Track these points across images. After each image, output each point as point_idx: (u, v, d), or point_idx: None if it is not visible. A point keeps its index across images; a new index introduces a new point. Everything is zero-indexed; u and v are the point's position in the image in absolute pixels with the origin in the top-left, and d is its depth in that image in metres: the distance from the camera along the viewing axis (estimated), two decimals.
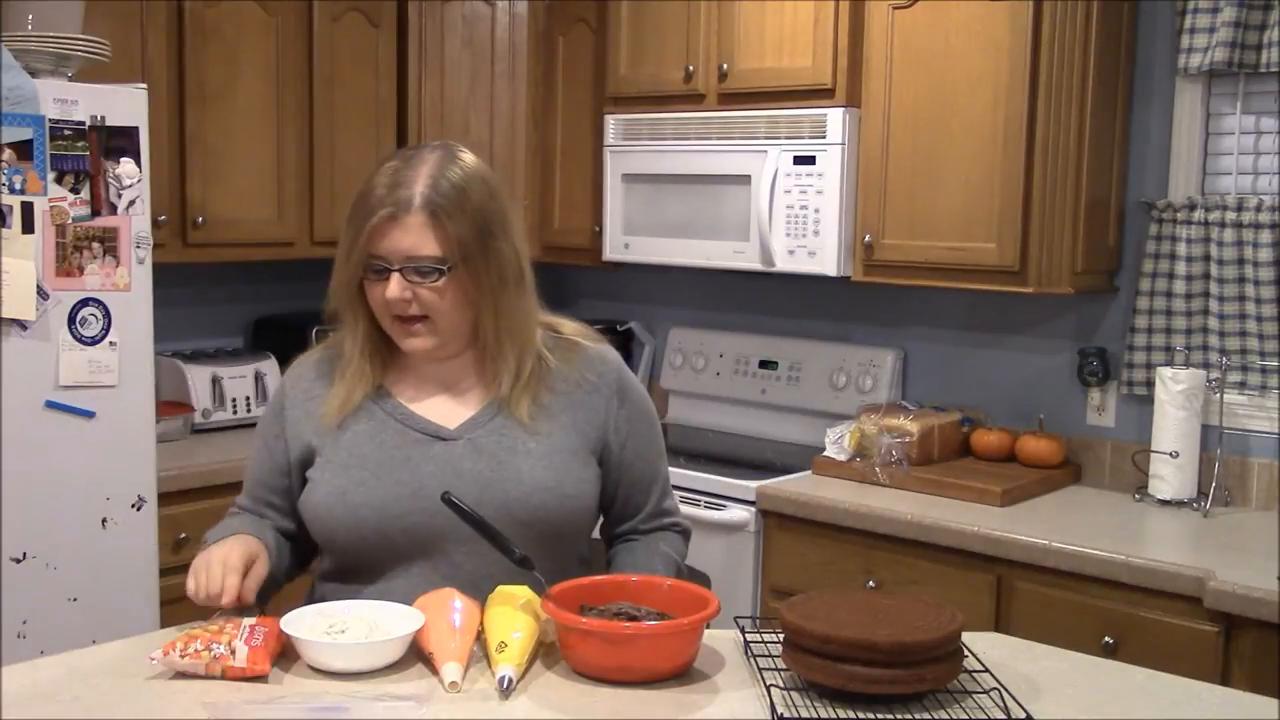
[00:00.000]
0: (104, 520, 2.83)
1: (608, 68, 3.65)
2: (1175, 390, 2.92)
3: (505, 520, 1.76)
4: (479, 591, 1.72)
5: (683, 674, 1.62)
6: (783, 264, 3.31)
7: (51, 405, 2.73)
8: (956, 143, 3.03)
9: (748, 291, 3.84)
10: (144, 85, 2.89)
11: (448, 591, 1.73)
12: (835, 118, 3.19)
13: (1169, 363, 3.00)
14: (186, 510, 3.11)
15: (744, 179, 3.34)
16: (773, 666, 1.62)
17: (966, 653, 1.62)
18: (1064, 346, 3.26)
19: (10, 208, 2.63)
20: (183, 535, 3.10)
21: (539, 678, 1.61)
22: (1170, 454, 2.92)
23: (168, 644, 1.58)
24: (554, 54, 3.86)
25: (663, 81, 3.52)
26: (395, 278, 1.76)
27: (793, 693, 1.55)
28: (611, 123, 3.63)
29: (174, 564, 3.02)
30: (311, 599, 1.86)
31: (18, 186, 2.64)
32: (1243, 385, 2.97)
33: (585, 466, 1.86)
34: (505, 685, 1.54)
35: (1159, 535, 2.81)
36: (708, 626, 1.65)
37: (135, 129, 2.81)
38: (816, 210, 3.23)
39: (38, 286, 2.68)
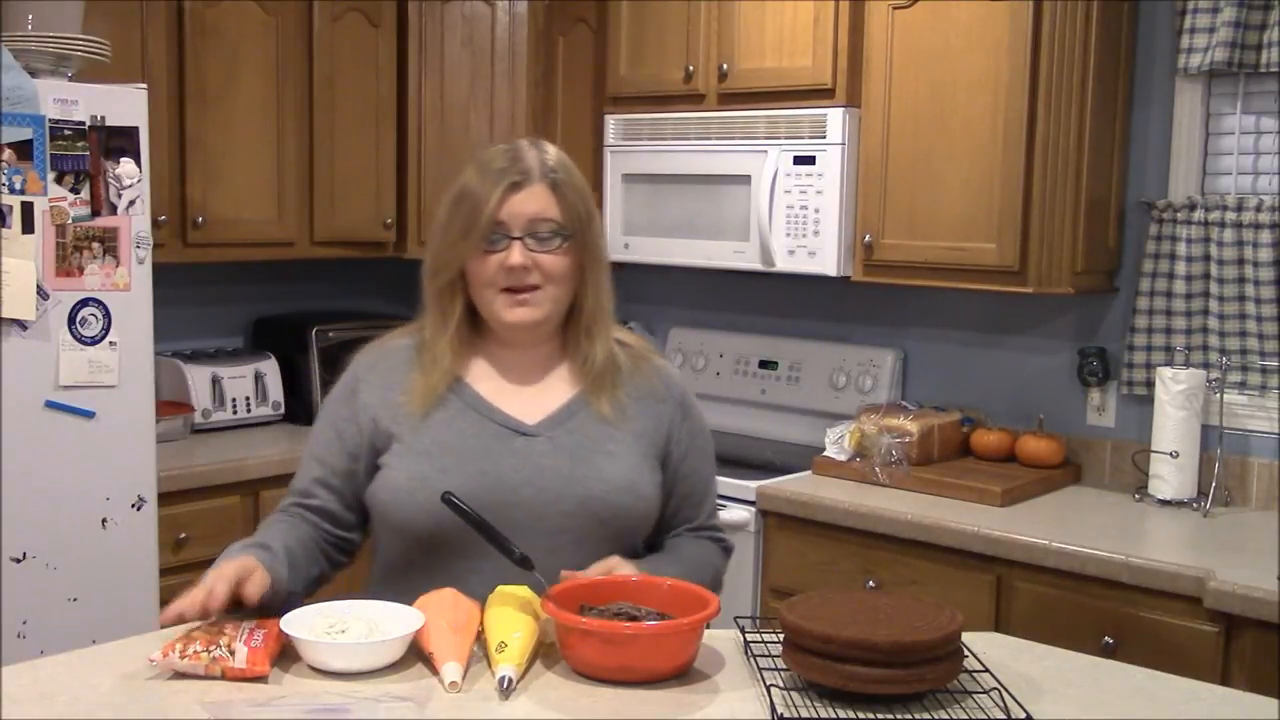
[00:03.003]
0: (104, 520, 2.83)
1: (608, 68, 3.65)
2: (1175, 390, 2.92)
3: (583, 517, 1.80)
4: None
5: (683, 674, 1.62)
6: (783, 264, 3.31)
7: (51, 405, 2.73)
8: (956, 143, 3.03)
9: (748, 291, 3.84)
10: (144, 85, 2.89)
11: (448, 591, 1.74)
12: (835, 118, 3.19)
13: (1169, 363, 3.00)
14: (186, 510, 3.11)
15: (744, 179, 3.34)
16: (773, 666, 1.62)
17: (966, 653, 1.62)
18: (1064, 346, 3.26)
19: (10, 208, 2.63)
20: (183, 535, 3.10)
21: (539, 678, 1.61)
22: (1170, 454, 2.92)
23: (167, 645, 1.58)
24: (554, 54, 3.85)
25: (663, 81, 3.52)
26: (517, 245, 1.81)
27: (793, 693, 1.55)
28: (611, 123, 3.63)
29: (174, 564, 3.02)
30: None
31: (18, 186, 2.64)
32: (1243, 385, 2.97)
33: (654, 471, 1.90)
34: (505, 685, 1.54)
35: (1159, 535, 2.81)
36: (708, 626, 1.65)
37: (135, 129, 2.81)
38: (816, 210, 3.23)
39: (38, 286, 2.68)
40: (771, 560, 3.08)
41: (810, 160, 3.23)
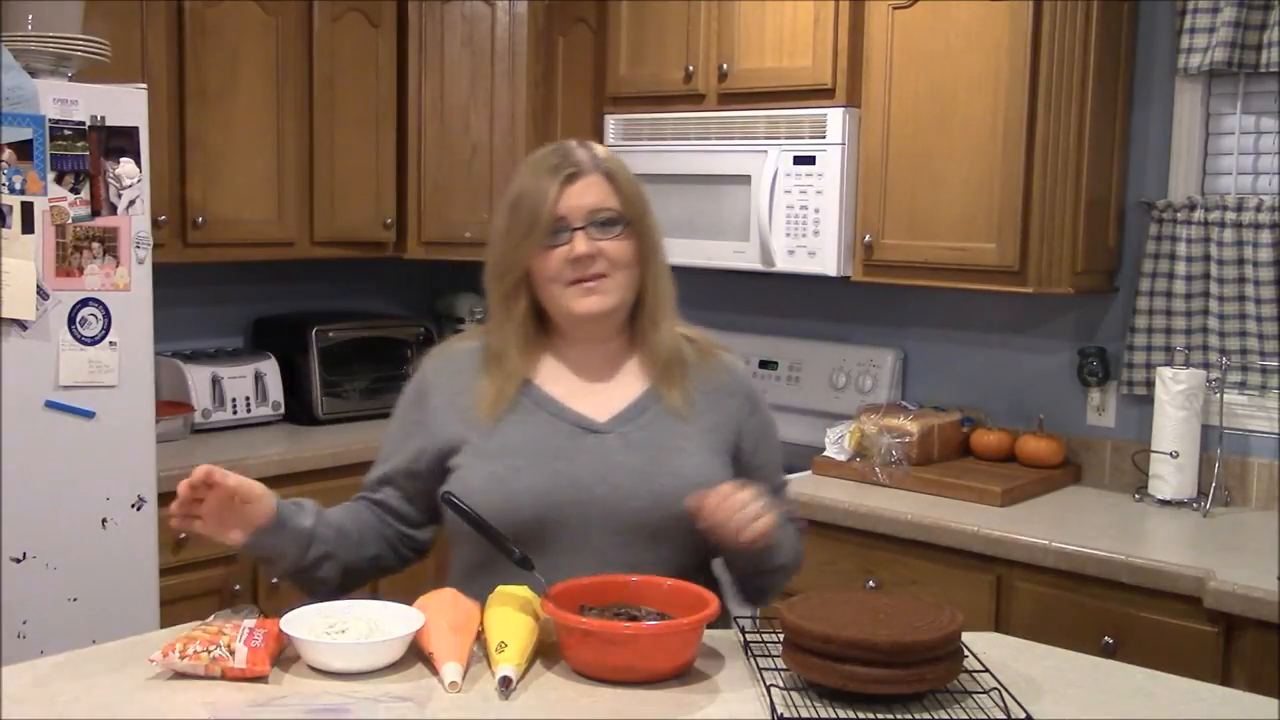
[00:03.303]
0: (104, 520, 2.82)
1: (608, 68, 3.65)
2: (1175, 390, 2.92)
3: (657, 513, 1.80)
4: None
5: (683, 674, 1.62)
6: (783, 264, 3.31)
7: (51, 405, 2.73)
8: (956, 143, 3.03)
9: (748, 291, 3.84)
10: (144, 85, 2.89)
11: (448, 591, 1.74)
12: (835, 118, 3.19)
13: (1169, 363, 3.00)
14: None
15: (744, 179, 3.34)
16: (773, 666, 1.62)
17: (966, 653, 1.62)
18: (1064, 346, 3.26)
19: (10, 208, 2.63)
20: (183, 535, 3.10)
21: (539, 678, 1.61)
22: (1170, 454, 2.92)
23: (167, 645, 1.58)
24: (554, 54, 3.86)
25: (663, 81, 3.52)
26: (580, 235, 1.82)
27: (793, 693, 1.55)
28: (611, 123, 3.63)
29: (174, 564, 3.02)
30: None
31: (18, 186, 2.64)
32: (1243, 385, 2.97)
33: (726, 467, 1.91)
34: (505, 685, 1.55)
35: (1159, 535, 2.81)
36: (708, 627, 1.65)
37: (135, 129, 2.81)
38: (816, 210, 3.23)
39: (38, 286, 2.68)
40: None
41: (810, 160, 3.23)
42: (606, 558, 1.79)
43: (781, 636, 1.61)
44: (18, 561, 2.69)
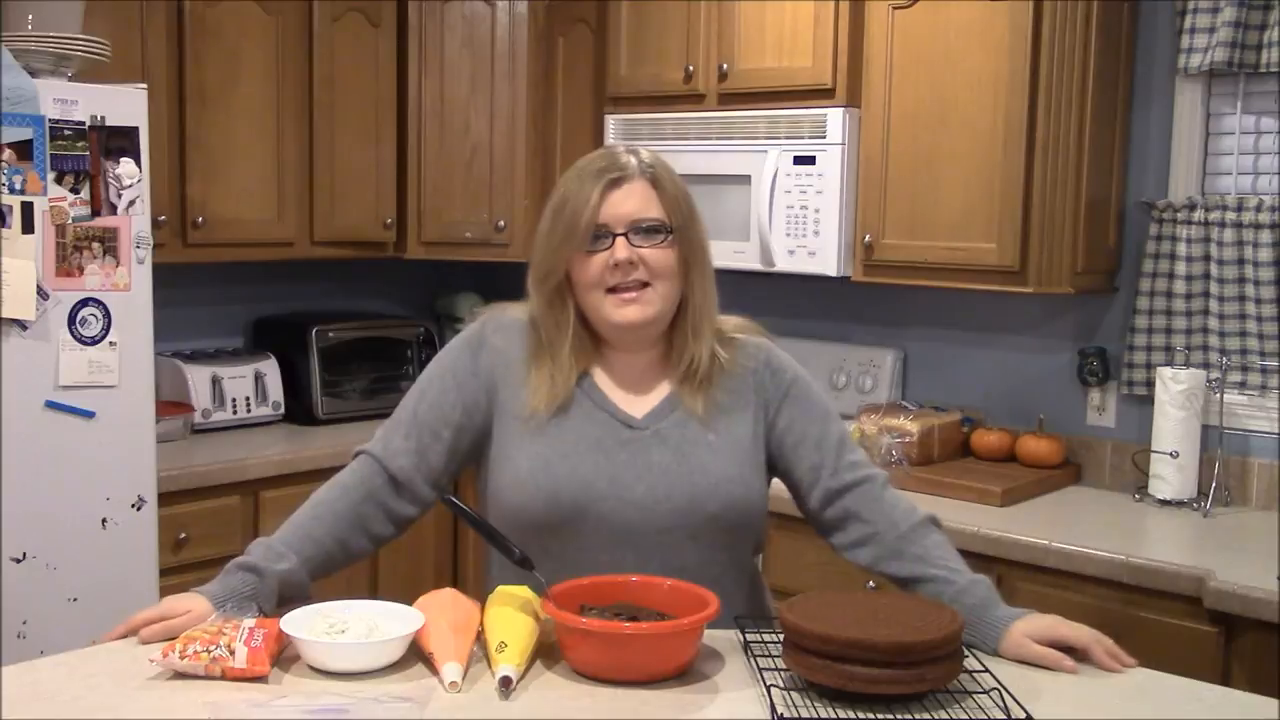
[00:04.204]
0: (104, 520, 2.82)
1: (608, 68, 3.65)
2: (1175, 390, 2.92)
3: (693, 514, 1.81)
4: None
5: (683, 674, 1.62)
6: (783, 264, 3.31)
7: (51, 405, 2.73)
8: (956, 143, 3.03)
9: (748, 291, 3.83)
10: (144, 85, 2.89)
11: (448, 591, 1.74)
12: (835, 118, 3.19)
13: (1169, 363, 3.00)
14: (186, 510, 3.11)
15: (744, 179, 3.34)
16: (773, 666, 1.62)
17: (966, 653, 1.62)
18: (1064, 346, 3.26)
19: (10, 208, 2.63)
20: (183, 535, 3.10)
21: (539, 678, 1.61)
22: (1170, 454, 2.92)
23: (167, 645, 1.58)
24: (554, 54, 3.85)
25: (663, 81, 3.52)
26: (620, 241, 1.81)
27: (793, 693, 1.55)
28: (612, 123, 3.63)
29: (174, 564, 3.02)
30: None
31: (18, 186, 2.64)
32: (1243, 385, 2.97)
33: (760, 452, 1.90)
34: (505, 685, 1.55)
35: (1159, 535, 2.81)
36: (708, 627, 1.65)
37: (135, 129, 2.81)
38: (816, 210, 3.23)
39: (38, 286, 2.68)
40: (771, 560, 3.08)
41: (810, 160, 3.23)
42: (646, 556, 1.79)
43: (781, 636, 1.61)
44: (18, 561, 2.69)
